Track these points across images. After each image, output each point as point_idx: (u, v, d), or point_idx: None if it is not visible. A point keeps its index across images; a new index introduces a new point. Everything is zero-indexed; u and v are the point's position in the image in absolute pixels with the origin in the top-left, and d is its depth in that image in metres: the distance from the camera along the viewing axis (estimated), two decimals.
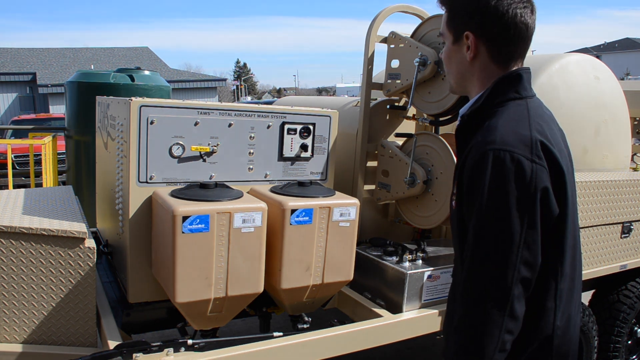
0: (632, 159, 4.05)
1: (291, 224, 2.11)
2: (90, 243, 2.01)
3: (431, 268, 2.40)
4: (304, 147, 2.43)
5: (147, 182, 2.13)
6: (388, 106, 2.92)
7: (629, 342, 3.42)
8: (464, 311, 1.29)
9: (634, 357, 3.49)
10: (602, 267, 2.98)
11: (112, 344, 1.90)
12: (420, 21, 2.75)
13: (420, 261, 2.47)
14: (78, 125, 5.06)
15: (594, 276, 2.95)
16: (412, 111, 2.84)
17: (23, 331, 1.97)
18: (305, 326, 2.41)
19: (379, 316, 2.34)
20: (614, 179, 2.89)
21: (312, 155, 2.47)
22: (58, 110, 21.07)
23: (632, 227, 3.09)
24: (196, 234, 1.91)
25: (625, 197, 2.99)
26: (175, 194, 2.04)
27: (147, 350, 1.86)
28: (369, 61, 2.78)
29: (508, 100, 1.37)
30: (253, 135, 2.32)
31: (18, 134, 10.81)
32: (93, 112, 2.89)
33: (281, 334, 2.13)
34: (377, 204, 2.93)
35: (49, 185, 5.73)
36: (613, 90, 3.21)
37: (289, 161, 2.43)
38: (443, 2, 1.45)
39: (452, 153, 2.45)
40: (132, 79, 4.99)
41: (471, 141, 1.35)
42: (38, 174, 6.63)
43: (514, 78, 1.38)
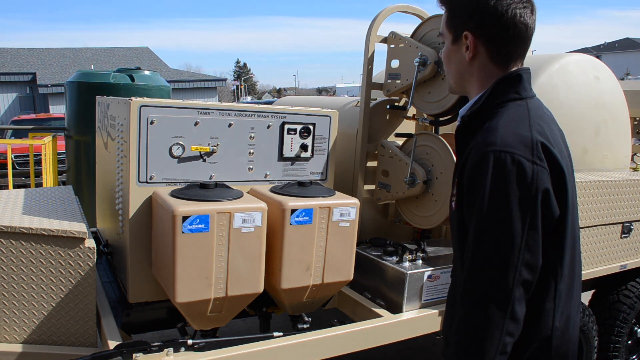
0: (632, 159, 4.05)
1: (291, 224, 2.11)
2: (90, 243, 2.01)
3: (431, 268, 2.40)
4: (304, 147, 2.43)
5: (147, 182, 2.13)
6: (388, 106, 2.92)
7: (629, 342, 3.42)
8: (465, 313, 1.28)
9: (634, 357, 3.49)
10: (602, 267, 2.98)
11: (112, 344, 1.90)
12: (420, 21, 2.75)
13: (420, 261, 2.47)
14: (78, 125, 5.06)
15: (594, 276, 2.95)
16: (412, 111, 2.84)
17: (23, 331, 1.97)
18: (305, 326, 2.41)
19: (379, 316, 2.34)
20: (614, 179, 2.89)
21: (312, 155, 2.47)
22: (58, 110, 21.07)
23: (632, 227, 3.09)
24: (196, 234, 1.91)
25: (625, 197, 2.99)
26: (175, 194, 2.04)
27: (147, 350, 1.86)
28: (369, 61, 2.78)
29: (508, 101, 1.36)
30: (253, 135, 2.32)
31: (18, 134, 10.81)
32: (93, 112, 2.89)
33: (281, 334, 2.13)
34: (377, 204, 2.93)
35: (49, 185, 5.73)
36: (613, 90, 3.21)
37: (289, 161, 2.43)
38: (443, 2, 1.44)
39: (452, 153, 2.45)
40: (132, 79, 4.99)
41: (471, 142, 1.34)
42: (38, 174, 6.63)
43: (514, 79, 1.37)
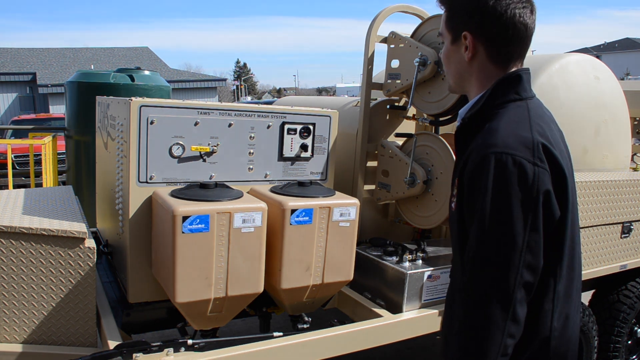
0: (632, 159, 4.05)
1: (291, 224, 2.11)
2: (90, 243, 2.01)
3: (431, 268, 2.40)
4: (304, 147, 2.43)
5: (147, 182, 2.13)
6: (388, 106, 2.91)
7: (629, 342, 3.42)
8: (466, 315, 1.28)
9: (634, 357, 3.49)
10: (602, 267, 2.98)
11: (112, 344, 1.90)
12: (420, 21, 2.75)
13: (420, 261, 2.47)
14: (78, 125, 5.06)
15: (594, 276, 2.95)
16: (412, 111, 2.84)
17: (23, 331, 1.97)
18: (305, 326, 2.41)
19: (379, 316, 2.34)
20: (614, 179, 2.89)
21: (312, 155, 2.47)
22: (58, 110, 21.07)
23: (632, 227, 3.09)
24: (196, 234, 1.91)
25: (625, 197, 2.99)
26: (175, 194, 2.04)
27: (147, 350, 1.86)
28: (369, 61, 2.78)
29: (508, 101, 1.36)
30: (253, 135, 2.32)
31: (18, 134, 10.81)
32: (93, 112, 2.89)
33: (281, 334, 2.13)
34: (377, 204, 2.93)
35: (49, 185, 5.73)
36: (613, 90, 3.21)
37: (289, 161, 2.43)
38: (442, 2, 1.44)
39: (452, 153, 2.45)
40: (132, 79, 4.99)
41: (471, 143, 1.34)
42: (38, 174, 6.63)
43: (514, 79, 1.37)
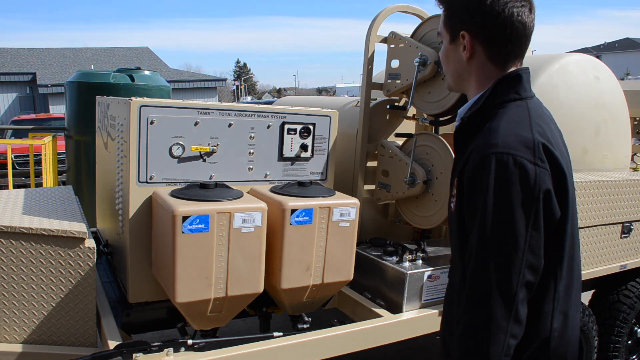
0: (632, 159, 4.05)
1: (291, 224, 2.11)
2: (90, 243, 2.01)
3: (431, 268, 2.40)
4: (304, 147, 2.43)
5: (147, 182, 2.13)
6: (388, 106, 2.92)
7: (629, 342, 3.42)
8: (468, 316, 1.27)
9: (634, 357, 3.49)
10: (602, 267, 2.98)
11: (112, 344, 1.90)
12: (420, 21, 2.75)
13: (420, 261, 2.47)
14: (78, 125, 5.06)
15: (594, 276, 2.95)
16: (412, 111, 2.84)
17: (23, 331, 1.97)
18: (305, 326, 2.41)
19: (379, 316, 2.34)
20: (614, 179, 2.89)
21: (312, 155, 2.47)
22: (58, 110, 21.08)
23: (632, 227, 3.09)
24: (196, 234, 1.91)
25: (625, 197, 2.98)
26: (175, 194, 2.04)
27: (147, 350, 1.86)
28: (369, 61, 2.78)
29: (508, 101, 1.36)
30: (253, 135, 2.32)
31: (18, 134, 10.81)
32: (93, 112, 2.89)
33: (281, 334, 2.13)
34: (377, 204, 2.93)
35: (49, 185, 5.73)
36: (613, 90, 3.21)
37: (289, 161, 2.43)
38: (441, 1, 1.44)
39: (452, 153, 2.45)
40: (132, 79, 4.99)
41: (471, 143, 1.34)
42: (38, 174, 6.63)
43: (514, 79, 1.37)
